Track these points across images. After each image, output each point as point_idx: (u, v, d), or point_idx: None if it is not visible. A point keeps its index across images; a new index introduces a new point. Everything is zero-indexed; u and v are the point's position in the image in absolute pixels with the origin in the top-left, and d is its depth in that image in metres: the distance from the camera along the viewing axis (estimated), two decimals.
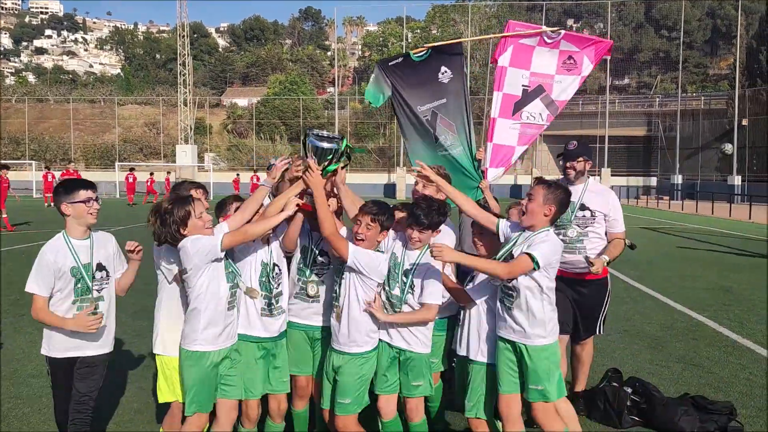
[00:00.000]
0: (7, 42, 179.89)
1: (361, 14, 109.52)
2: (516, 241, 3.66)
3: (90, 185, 3.68)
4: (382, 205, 3.73)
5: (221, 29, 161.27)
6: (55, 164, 55.81)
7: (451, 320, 4.19)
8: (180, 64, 53.09)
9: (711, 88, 62.78)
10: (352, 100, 62.61)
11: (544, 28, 5.48)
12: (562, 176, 4.85)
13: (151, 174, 37.13)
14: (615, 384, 4.94)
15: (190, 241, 3.42)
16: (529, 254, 3.46)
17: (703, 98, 53.05)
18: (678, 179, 45.37)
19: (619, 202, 4.80)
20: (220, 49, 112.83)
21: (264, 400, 3.92)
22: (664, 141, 50.77)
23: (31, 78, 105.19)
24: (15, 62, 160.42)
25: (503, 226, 3.82)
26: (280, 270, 3.83)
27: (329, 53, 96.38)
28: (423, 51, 5.40)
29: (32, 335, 7.05)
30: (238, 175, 40.85)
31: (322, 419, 4.00)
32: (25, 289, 3.53)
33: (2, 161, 52.12)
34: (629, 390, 4.85)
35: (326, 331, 3.89)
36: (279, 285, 3.80)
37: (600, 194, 4.70)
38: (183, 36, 51.96)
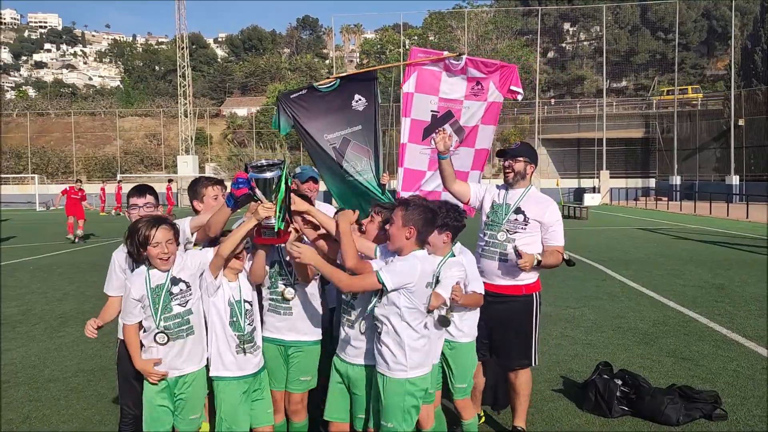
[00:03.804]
0: (6, 56, 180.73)
1: (358, 22, 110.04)
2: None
3: (141, 192, 3.83)
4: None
5: (219, 39, 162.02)
6: (56, 177, 56.24)
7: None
8: (180, 76, 53.46)
9: (708, 89, 63.10)
10: None
11: (446, 53, 5.47)
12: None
13: (170, 181, 37.84)
14: (605, 376, 5.18)
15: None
16: (376, 272, 3.33)
17: (699, 99, 53.34)
18: (676, 180, 45.60)
19: (560, 214, 4.40)
20: (219, 60, 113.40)
21: None
22: (661, 142, 51.07)
23: (31, 92, 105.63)
24: (15, 76, 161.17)
25: (378, 252, 3.65)
26: (251, 306, 3.69)
27: (327, 61, 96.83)
28: (330, 82, 5.36)
29: (45, 343, 7.32)
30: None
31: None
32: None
33: (4, 175, 52.58)
34: (619, 381, 5.07)
35: (301, 346, 3.87)
36: (252, 322, 3.68)
37: (539, 203, 4.32)
38: (182, 48, 52.33)
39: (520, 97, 5.58)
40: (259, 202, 3.36)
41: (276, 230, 3.44)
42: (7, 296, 10.30)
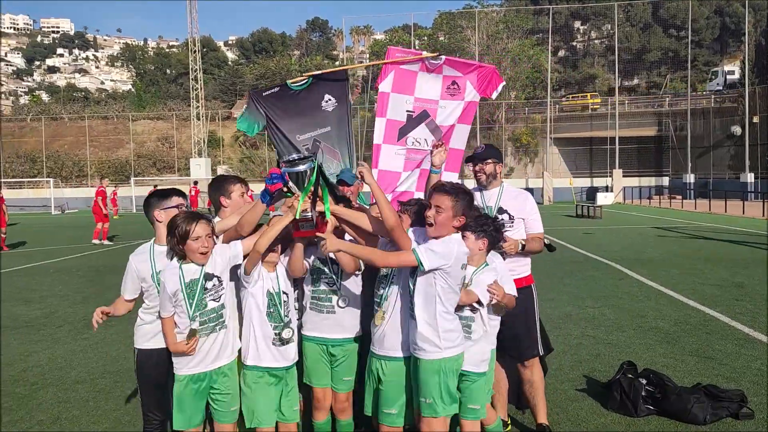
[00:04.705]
0: (19, 61, 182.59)
1: (368, 23, 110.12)
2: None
3: (182, 193, 3.89)
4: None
5: (230, 42, 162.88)
6: (70, 181, 56.75)
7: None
8: (192, 79, 53.79)
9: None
10: (362, 109, 63.05)
11: (425, 53, 5.36)
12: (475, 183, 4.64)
13: (195, 183, 37.61)
14: (630, 375, 5.19)
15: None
16: (414, 250, 3.36)
17: (713, 96, 52.97)
18: (690, 178, 45.33)
19: (536, 204, 4.60)
20: (230, 62, 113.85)
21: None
22: (674, 140, 50.75)
23: (44, 96, 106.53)
24: (28, 81, 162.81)
25: (412, 235, 3.68)
26: (288, 297, 3.75)
27: (337, 63, 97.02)
28: (303, 80, 5.24)
29: (71, 345, 7.42)
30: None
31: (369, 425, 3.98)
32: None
33: (19, 179, 53.10)
34: (644, 381, 5.08)
35: (343, 344, 3.89)
36: (288, 313, 3.72)
37: (517, 198, 4.53)
38: (194, 51, 52.65)
39: (494, 96, 5.54)
40: (295, 195, 3.38)
41: (313, 220, 3.45)
42: (30, 299, 10.44)
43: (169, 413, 3.70)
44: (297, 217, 3.43)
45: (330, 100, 5.20)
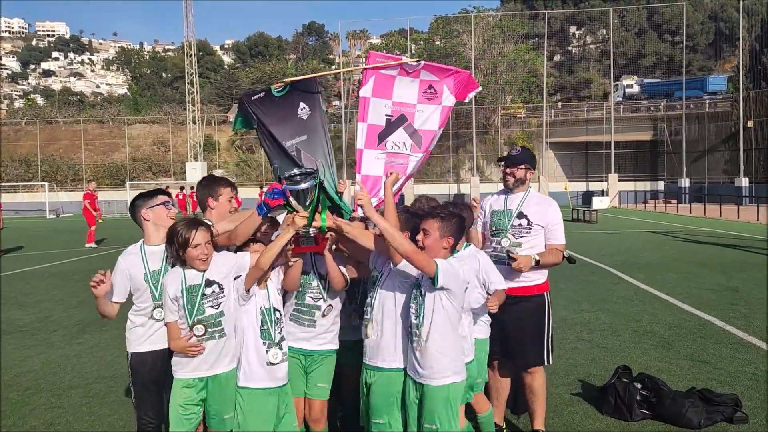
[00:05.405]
0: (15, 65, 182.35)
1: (364, 28, 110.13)
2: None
3: (166, 192, 3.94)
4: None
5: (226, 46, 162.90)
6: (65, 185, 56.62)
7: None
8: (188, 83, 53.78)
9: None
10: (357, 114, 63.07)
11: (405, 59, 5.38)
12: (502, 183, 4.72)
13: (181, 189, 37.32)
14: (625, 380, 5.19)
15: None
16: (436, 262, 3.36)
17: (708, 101, 53.19)
18: (685, 183, 45.47)
19: (561, 214, 4.56)
20: (226, 66, 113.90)
21: None
22: (670, 145, 50.91)
23: (39, 100, 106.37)
24: (23, 85, 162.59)
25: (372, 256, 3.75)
26: (280, 314, 3.74)
27: (333, 67, 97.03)
28: (282, 86, 5.18)
29: (65, 350, 7.39)
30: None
31: None
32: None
33: (14, 183, 52.97)
34: (639, 385, 5.08)
35: (320, 355, 3.91)
36: (281, 330, 3.72)
37: (539, 204, 4.53)
38: (190, 55, 52.66)
39: (468, 99, 5.58)
40: (295, 212, 3.40)
41: (313, 237, 3.48)
42: (25, 303, 10.41)
43: (164, 415, 3.67)
44: (299, 232, 3.45)
45: (305, 108, 5.15)
